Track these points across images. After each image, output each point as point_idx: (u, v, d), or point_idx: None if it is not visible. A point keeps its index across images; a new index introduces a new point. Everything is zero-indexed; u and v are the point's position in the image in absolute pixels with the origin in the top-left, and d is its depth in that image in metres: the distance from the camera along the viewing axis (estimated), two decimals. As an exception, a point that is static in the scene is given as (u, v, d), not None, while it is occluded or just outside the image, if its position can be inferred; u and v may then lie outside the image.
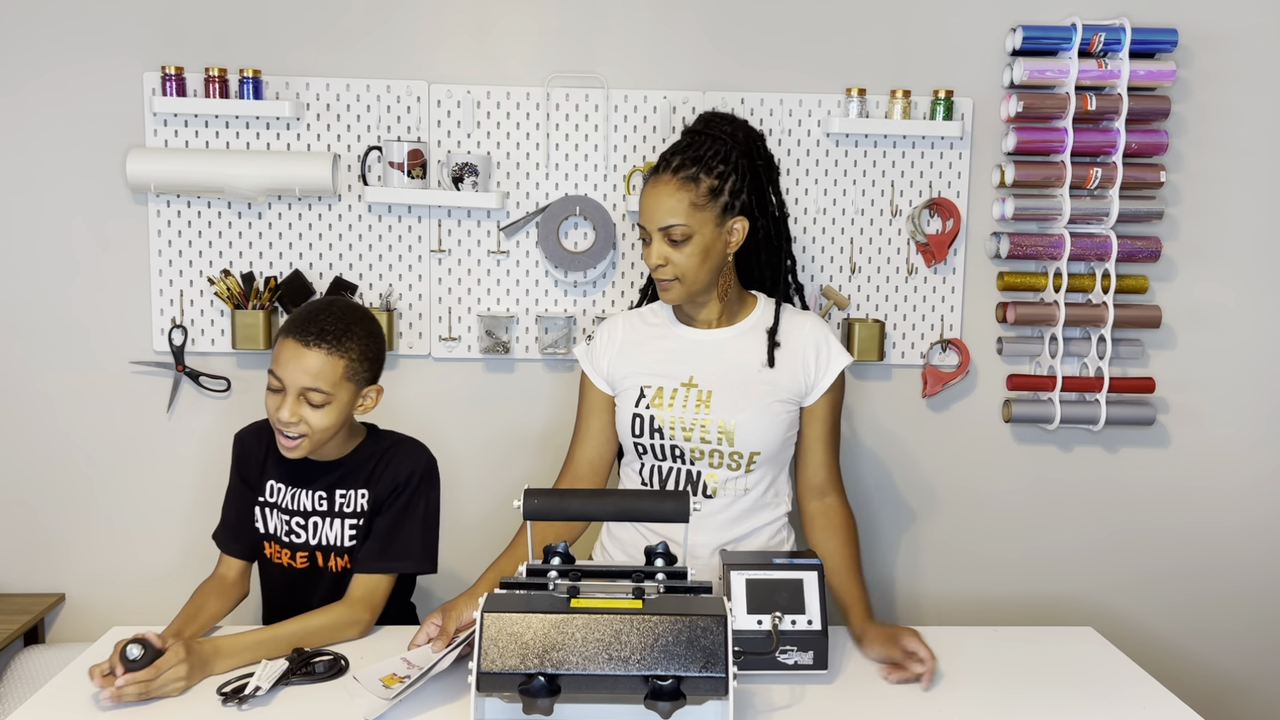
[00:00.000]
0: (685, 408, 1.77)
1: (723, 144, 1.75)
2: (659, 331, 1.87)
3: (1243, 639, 2.53)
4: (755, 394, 1.77)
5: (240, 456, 1.85)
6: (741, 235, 1.77)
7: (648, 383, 1.81)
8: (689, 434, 1.77)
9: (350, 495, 1.79)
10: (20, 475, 2.37)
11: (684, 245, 1.72)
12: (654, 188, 1.74)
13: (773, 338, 1.80)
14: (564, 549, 1.49)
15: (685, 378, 1.80)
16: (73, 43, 2.26)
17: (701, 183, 1.72)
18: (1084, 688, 1.56)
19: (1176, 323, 2.44)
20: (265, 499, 1.82)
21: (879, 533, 2.48)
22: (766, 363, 1.79)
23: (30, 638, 2.34)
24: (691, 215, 1.71)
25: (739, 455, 1.76)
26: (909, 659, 1.58)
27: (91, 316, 2.33)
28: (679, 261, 1.73)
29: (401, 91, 2.30)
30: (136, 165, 2.20)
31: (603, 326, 1.93)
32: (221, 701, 1.46)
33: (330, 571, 1.80)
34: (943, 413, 2.46)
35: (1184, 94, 2.37)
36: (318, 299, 1.75)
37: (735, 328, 1.83)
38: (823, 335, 1.83)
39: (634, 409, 1.80)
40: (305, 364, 1.65)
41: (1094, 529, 2.50)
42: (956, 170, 2.37)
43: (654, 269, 1.76)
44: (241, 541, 1.83)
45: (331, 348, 1.67)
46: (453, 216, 2.34)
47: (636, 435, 1.80)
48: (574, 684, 1.31)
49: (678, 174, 1.72)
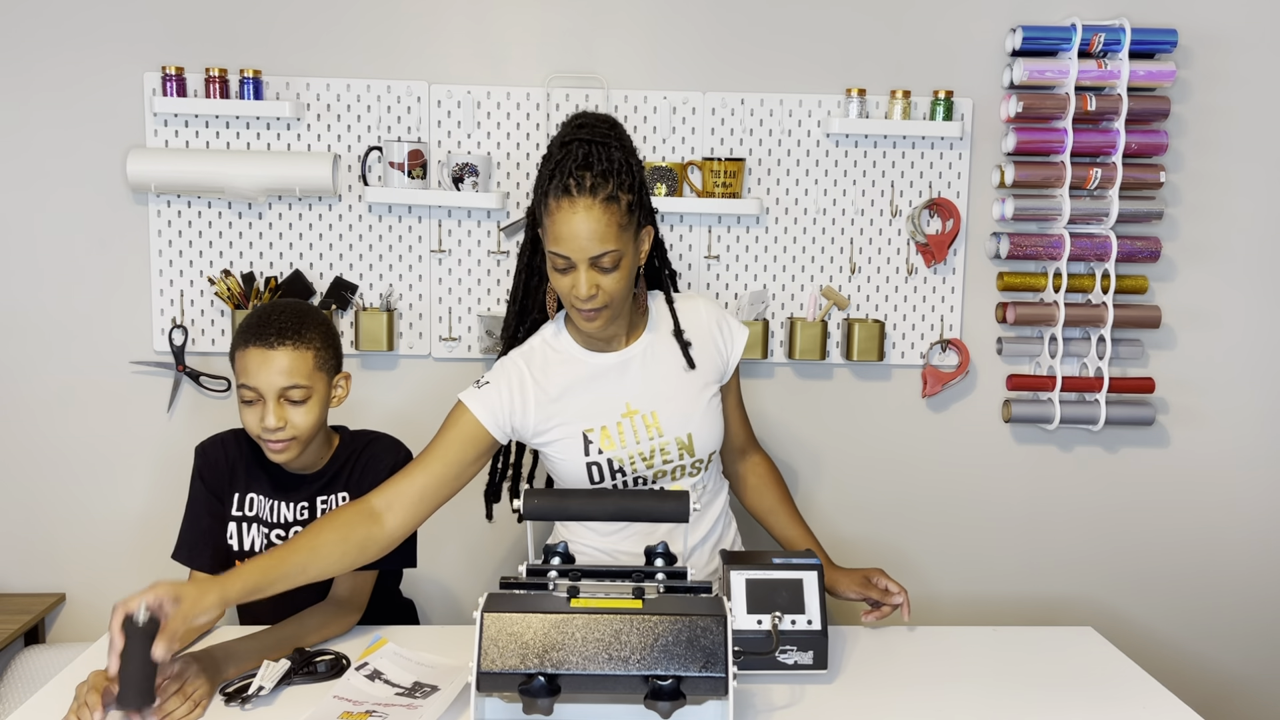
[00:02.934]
0: (637, 438, 1.68)
1: (618, 150, 1.58)
2: (573, 368, 1.70)
3: (1243, 639, 2.53)
4: (692, 396, 1.72)
5: (205, 468, 1.78)
6: (649, 244, 1.66)
7: (588, 426, 1.67)
8: (649, 460, 1.69)
9: (331, 500, 1.77)
10: (20, 475, 2.37)
11: (614, 271, 1.56)
12: (572, 213, 1.53)
13: (681, 338, 1.72)
14: (564, 549, 1.49)
15: (622, 407, 1.69)
16: (73, 43, 2.26)
17: (621, 200, 1.55)
18: (1084, 688, 1.56)
19: (1176, 323, 2.44)
20: (243, 513, 1.76)
21: (879, 533, 2.48)
22: (686, 366, 1.72)
23: (30, 638, 2.34)
24: (620, 238, 1.55)
25: (700, 461, 1.73)
26: (885, 596, 1.62)
27: (92, 316, 2.33)
28: (609, 288, 1.57)
29: (401, 91, 2.30)
30: (137, 165, 2.20)
31: (500, 374, 1.69)
32: (225, 701, 1.46)
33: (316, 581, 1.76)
34: (943, 413, 2.46)
35: (1184, 94, 2.37)
36: (258, 305, 1.70)
37: (644, 339, 1.73)
38: (718, 313, 1.78)
39: (585, 459, 1.68)
40: (276, 365, 1.63)
41: (1094, 529, 2.50)
42: (956, 170, 2.37)
43: (584, 299, 1.57)
44: (212, 555, 1.76)
45: (296, 342, 1.65)
46: (453, 216, 2.34)
47: (596, 482, 1.69)
48: (574, 684, 1.31)
49: (597, 195, 1.53)
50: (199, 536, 1.77)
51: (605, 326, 1.63)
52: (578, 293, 1.57)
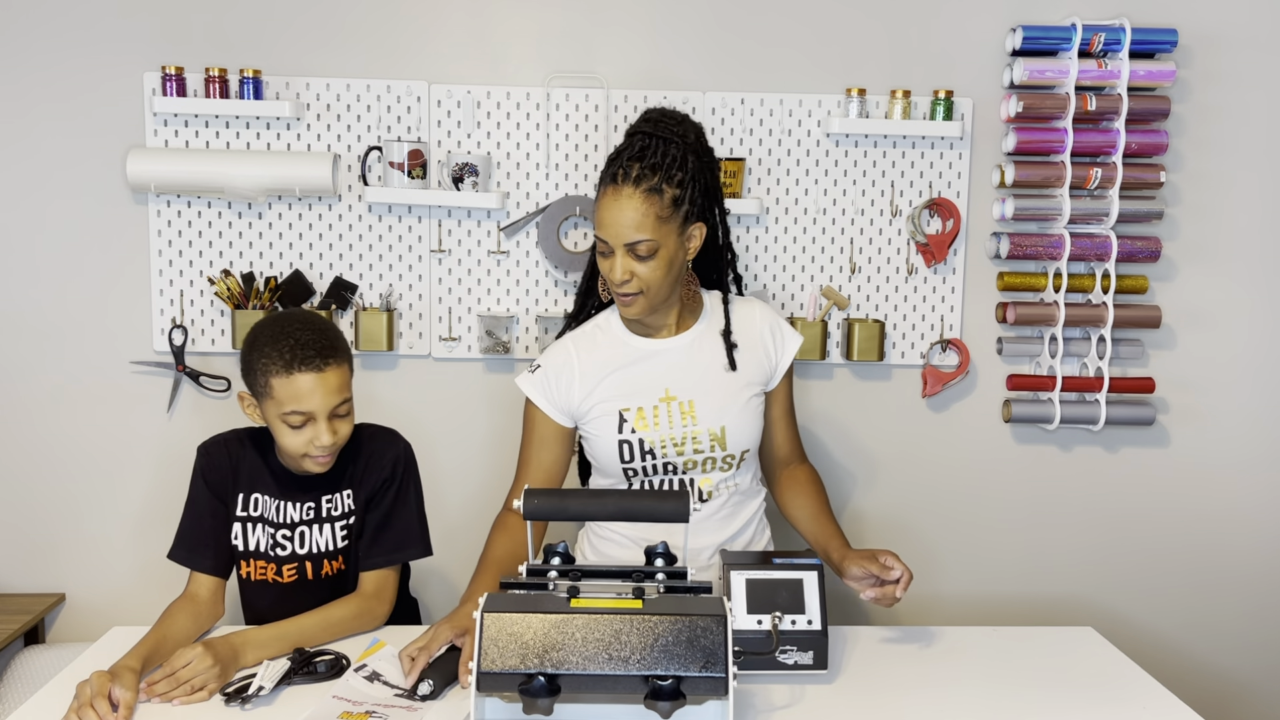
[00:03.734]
0: (671, 423, 1.73)
1: (677, 147, 1.66)
2: (618, 350, 1.77)
3: (1243, 639, 2.53)
4: (733, 392, 1.76)
5: (208, 469, 1.77)
6: (700, 240, 1.72)
7: (625, 405, 1.73)
8: (680, 448, 1.73)
9: (336, 498, 1.77)
10: (20, 475, 2.37)
11: (650, 259, 1.64)
12: (615, 200, 1.63)
13: (728, 339, 1.77)
14: (564, 549, 1.49)
15: (661, 392, 1.74)
16: (73, 42, 2.26)
17: (665, 194, 1.63)
18: (1084, 688, 1.56)
19: (1176, 323, 2.44)
20: (247, 513, 1.77)
21: (879, 533, 2.48)
22: (729, 366, 1.76)
23: (30, 638, 2.34)
24: (658, 229, 1.63)
25: (731, 456, 1.76)
26: (885, 571, 1.62)
27: (92, 316, 2.33)
28: (645, 275, 1.65)
29: (401, 91, 2.30)
30: (137, 165, 2.20)
31: (552, 356, 1.80)
32: (225, 701, 1.46)
33: (321, 579, 1.78)
34: (943, 413, 2.46)
35: (1184, 94, 2.37)
36: (272, 322, 1.70)
37: (693, 331, 1.79)
38: (773, 319, 1.83)
39: (618, 435, 1.73)
40: (330, 385, 1.65)
41: (1094, 529, 2.50)
42: (956, 170, 2.37)
43: (618, 284, 1.67)
44: (214, 556, 1.75)
45: (337, 359, 1.67)
46: (453, 216, 2.34)
47: (626, 461, 1.74)
48: (574, 684, 1.31)
49: (640, 185, 1.62)
50: (200, 537, 1.76)
51: (644, 313, 1.71)
52: (612, 277, 1.67)
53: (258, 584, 1.78)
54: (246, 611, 1.84)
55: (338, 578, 1.78)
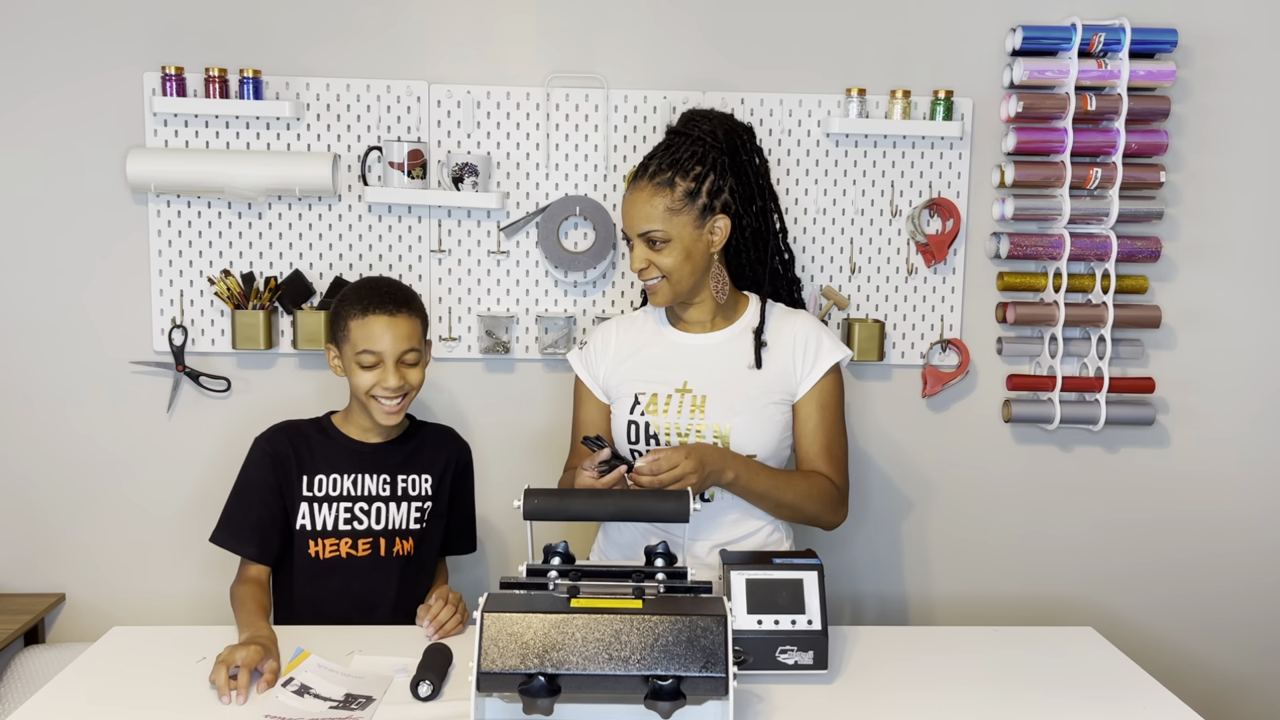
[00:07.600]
0: (680, 413, 1.78)
1: (700, 144, 1.76)
2: (650, 337, 1.88)
3: (1243, 638, 2.53)
4: (749, 396, 1.78)
5: (274, 457, 1.85)
6: (724, 234, 1.78)
7: (642, 389, 1.82)
8: (685, 439, 1.77)
9: (412, 479, 1.89)
10: (20, 475, 2.37)
11: (664, 249, 1.74)
12: (633, 194, 1.77)
13: (759, 338, 1.81)
14: (564, 549, 1.49)
15: (679, 383, 1.80)
16: (73, 42, 2.26)
17: (677, 186, 1.73)
18: (1084, 688, 1.56)
19: (1176, 323, 2.44)
20: (312, 493, 1.84)
21: (879, 533, 2.48)
22: (754, 364, 1.79)
23: (30, 638, 2.34)
24: (668, 220, 1.73)
25: None
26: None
27: (92, 316, 2.33)
28: (661, 263, 1.75)
29: (401, 91, 2.30)
30: (136, 165, 2.20)
31: (596, 332, 1.94)
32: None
33: (393, 558, 1.85)
34: (943, 413, 2.46)
35: (1184, 94, 2.37)
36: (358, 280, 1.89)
37: (728, 330, 1.84)
38: (814, 332, 1.83)
39: (628, 416, 1.81)
40: (399, 331, 1.79)
41: (1094, 529, 2.50)
42: (956, 170, 2.37)
43: (638, 272, 1.78)
44: (258, 544, 1.83)
45: (410, 312, 1.82)
46: (453, 216, 2.34)
47: (632, 442, 1.80)
48: (574, 684, 1.31)
49: (654, 180, 1.74)
50: (247, 524, 1.83)
51: (669, 300, 1.80)
52: (632, 265, 1.78)
53: (327, 562, 1.84)
54: (298, 599, 1.86)
55: (407, 560, 1.86)
